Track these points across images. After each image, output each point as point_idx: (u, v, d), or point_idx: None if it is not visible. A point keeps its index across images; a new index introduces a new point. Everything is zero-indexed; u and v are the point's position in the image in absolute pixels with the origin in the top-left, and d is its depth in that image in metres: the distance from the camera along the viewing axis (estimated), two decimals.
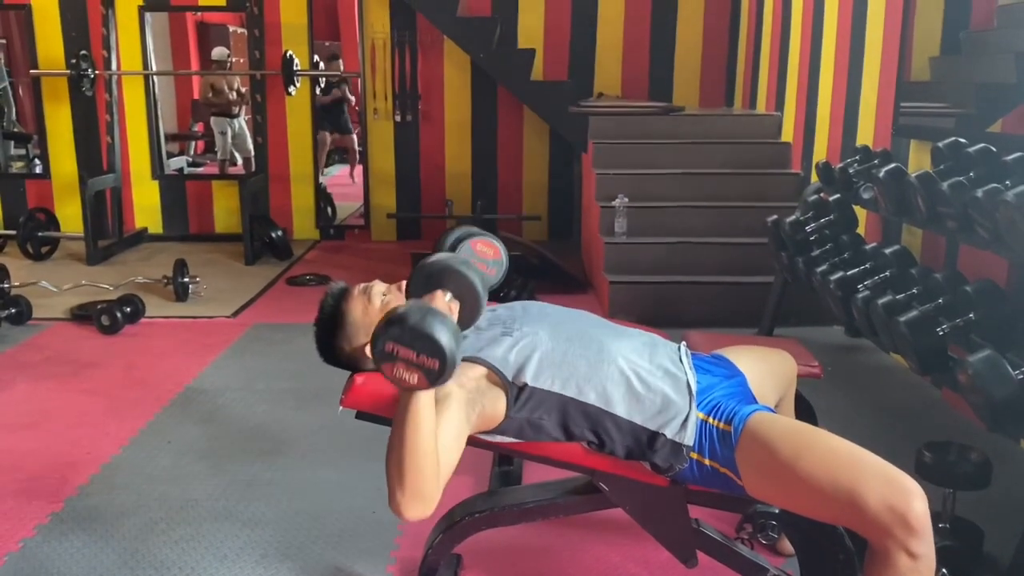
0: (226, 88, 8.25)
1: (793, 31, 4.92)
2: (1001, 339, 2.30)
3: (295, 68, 6.06)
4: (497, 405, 1.59)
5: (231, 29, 8.91)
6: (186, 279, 4.69)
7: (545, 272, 4.78)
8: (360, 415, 1.78)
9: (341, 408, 1.76)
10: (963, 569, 1.97)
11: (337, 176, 9.67)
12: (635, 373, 1.63)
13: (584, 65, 6.15)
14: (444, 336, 1.32)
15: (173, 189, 6.59)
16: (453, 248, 1.93)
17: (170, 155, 7.29)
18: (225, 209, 6.56)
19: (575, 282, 4.85)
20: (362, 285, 1.77)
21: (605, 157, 4.85)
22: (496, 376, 1.60)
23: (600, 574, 2.14)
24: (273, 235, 5.81)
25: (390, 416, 1.68)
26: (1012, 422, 2.05)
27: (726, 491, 1.62)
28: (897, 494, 1.40)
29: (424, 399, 1.40)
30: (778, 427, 1.55)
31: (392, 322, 1.34)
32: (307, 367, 3.59)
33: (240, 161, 8.23)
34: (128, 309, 4.22)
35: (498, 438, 1.65)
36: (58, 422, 3.09)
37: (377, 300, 1.72)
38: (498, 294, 2.74)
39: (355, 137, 9.14)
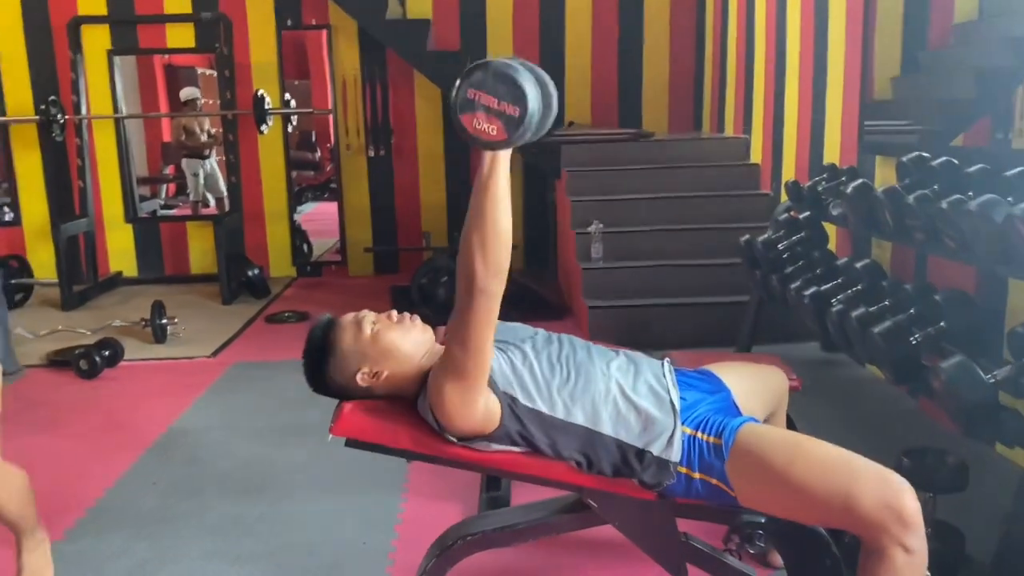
0: (197, 129, 8.27)
1: (757, 55, 5.04)
2: (971, 346, 2.36)
3: (267, 107, 6.10)
4: (495, 407, 1.63)
5: (199, 71, 8.94)
6: (164, 321, 4.66)
7: (524, 299, 4.82)
8: (350, 443, 1.79)
9: (331, 436, 1.77)
10: (947, 571, 2.01)
11: (310, 213, 9.69)
12: (620, 392, 1.67)
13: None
14: (527, 82, 1.34)
15: (147, 232, 6.58)
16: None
17: (142, 198, 7.27)
18: (200, 250, 6.55)
19: (554, 309, 4.89)
20: (351, 315, 1.80)
21: (578, 184, 4.91)
22: (491, 381, 1.63)
23: None
24: (250, 273, 5.80)
25: (379, 442, 1.72)
26: (985, 425, 2.11)
27: (716, 503, 1.65)
28: (890, 492, 1.45)
29: (503, 166, 1.43)
30: (769, 437, 1.60)
31: (474, 68, 1.35)
32: (289, 404, 3.63)
33: (213, 202, 8.23)
34: (107, 353, 4.19)
35: (493, 448, 1.67)
36: (40, 468, 3.02)
37: (368, 328, 1.75)
38: None
39: None
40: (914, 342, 2.48)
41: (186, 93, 8.11)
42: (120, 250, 6.48)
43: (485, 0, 6.18)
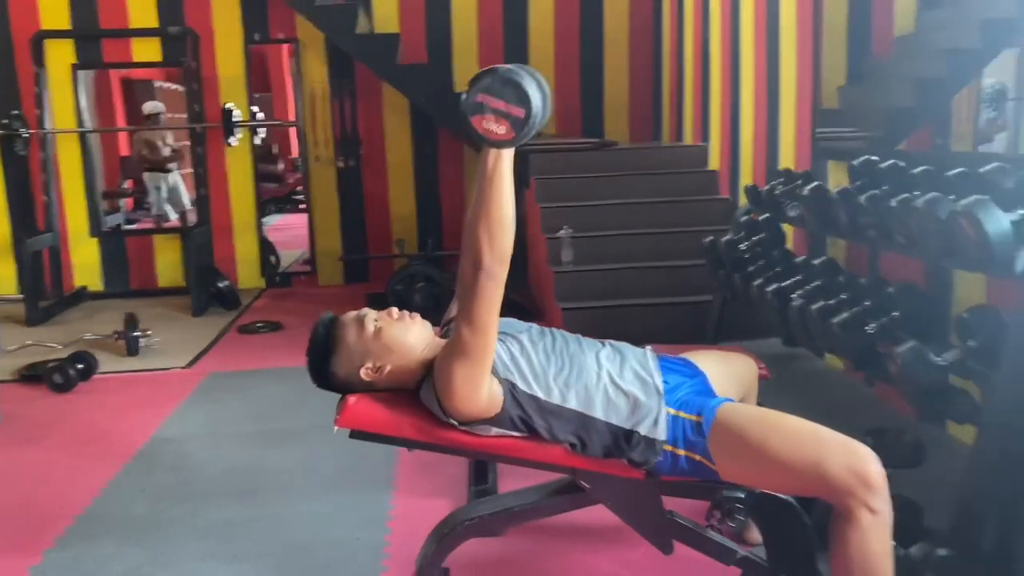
0: (160, 143, 8.26)
1: (713, 68, 5.24)
2: (923, 333, 2.54)
3: (235, 120, 6.15)
4: (498, 392, 1.75)
5: (157, 84, 8.92)
6: (137, 333, 4.69)
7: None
8: (354, 434, 1.89)
9: (336, 428, 1.87)
10: (907, 540, 2.17)
11: (274, 224, 9.71)
12: (609, 379, 1.80)
13: None
14: (531, 87, 1.48)
15: (112, 246, 6.58)
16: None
17: (104, 212, 7.26)
18: (167, 263, 6.57)
19: (526, 312, 5.01)
20: (353, 313, 1.91)
21: (547, 191, 5.06)
22: (494, 372, 1.75)
23: (584, 575, 2.28)
24: (220, 285, 5.85)
25: (383, 432, 1.83)
26: (937, 404, 2.28)
27: (700, 478, 1.79)
28: (856, 459, 1.61)
29: (507, 161, 1.55)
30: (745, 413, 1.75)
31: (483, 74, 1.49)
32: (269, 411, 3.71)
33: (173, 217, 8.22)
34: (80, 366, 4.21)
35: (494, 431, 1.78)
36: (23, 480, 3.10)
37: (370, 325, 1.86)
38: None
39: None
40: (870, 331, 2.65)
41: (149, 107, 8.11)
42: (85, 264, 6.47)
43: (450, 15, 6.32)
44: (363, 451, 3.15)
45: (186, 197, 8.20)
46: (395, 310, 1.93)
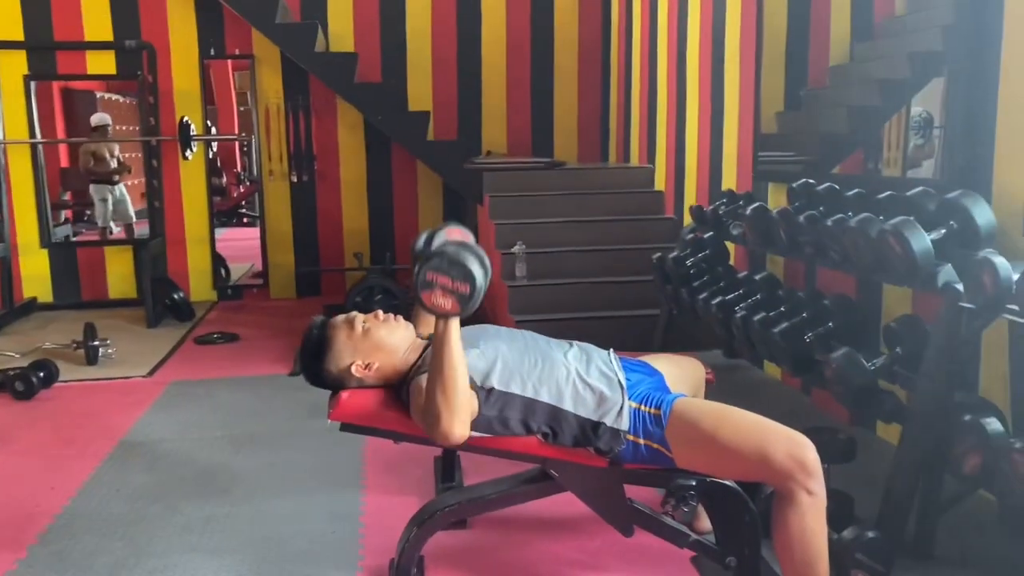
0: (107, 155, 8.23)
1: (660, 93, 5.52)
2: (855, 341, 2.79)
3: (192, 133, 6.21)
4: (473, 403, 1.91)
5: (99, 95, 8.85)
6: (96, 343, 4.73)
7: None
8: (344, 427, 2.04)
9: (329, 421, 2.02)
10: (841, 527, 2.40)
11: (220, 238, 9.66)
12: (578, 376, 2.00)
13: (472, 125, 6.61)
14: (475, 266, 1.70)
15: (63, 257, 6.54)
16: (430, 241, 2.18)
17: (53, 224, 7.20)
18: (119, 275, 6.57)
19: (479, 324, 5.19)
20: (342, 316, 2.07)
21: (500, 209, 5.25)
22: (471, 382, 1.92)
23: (547, 563, 2.45)
24: (175, 297, 5.89)
25: (372, 425, 1.99)
26: (868, 405, 2.53)
27: (658, 465, 1.99)
28: (796, 447, 1.83)
29: (455, 328, 1.75)
30: (698, 406, 1.96)
31: (432, 255, 1.71)
32: (236, 417, 3.81)
33: (116, 229, 8.18)
34: (42, 374, 4.24)
35: (473, 435, 1.96)
36: None
37: (359, 326, 2.02)
38: None
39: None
40: (807, 340, 2.90)
41: (97, 119, 8.06)
42: (35, 276, 6.43)
43: (405, 36, 6.50)
44: (331, 454, 3.33)
45: (132, 209, 8.17)
46: (381, 313, 2.10)
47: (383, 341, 2.03)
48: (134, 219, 8.07)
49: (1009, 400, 2.33)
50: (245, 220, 11.03)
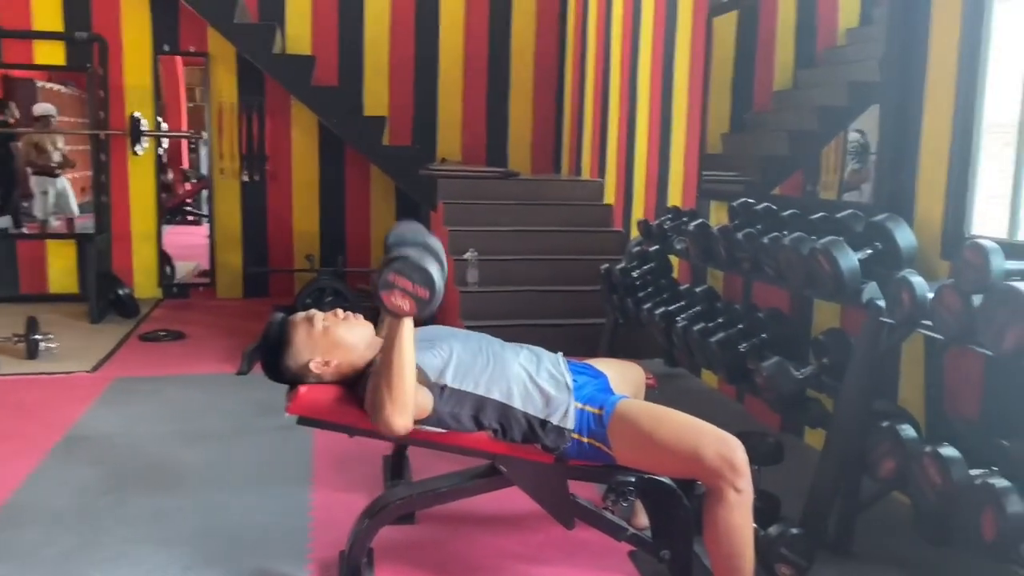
0: (50, 147, 8.09)
1: (611, 110, 5.69)
2: (787, 352, 2.96)
3: (143, 129, 6.18)
4: (426, 400, 2.01)
5: (39, 84, 8.68)
6: (39, 336, 4.69)
7: None
8: (302, 420, 2.12)
9: (287, 414, 2.10)
10: (767, 524, 2.55)
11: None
12: (528, 377, 2.11)
13: (427, 132, 6.70)
14: (435, 271, 1.79)
15: (1, 249, 6.43)
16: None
17: None
18: (60, 269, 6.49)
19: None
20: (302, 313, 2.15)
21: (454, 215, 5.35)
22: (423, 376, 2.02)
23: (492, 556, 2.55)
24: (120, 293, 5.84)
25: (329, 419, 2.07)
26: (796, 411, 2.69)
27: (600, 462, 2.11)
28: (726, 447, 1.97)
29: (408, 328, 1.84)
30: (638, 408, 2.09)
31: (395, 259, 1.79)
32: (183, 413, 3.83)
33: (56, 223, 8.03)
34: None
35: (426, 428, 2.06)
36: None
37: (319, 324, 2.11)
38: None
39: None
40: (742, 350, 3.06)
41: (41, 109, 7.90)
42: None
43: (363, 40, 6.56)
44: (280, 451, 3.38)
45: (74, 203, 8.05)
46: (340, 311, 2.19)
47: (342, 339, 2.11)
48: (76, 213, 7.95)
49: (924, 408, 2.50)
50: (190, 218, 10.92)
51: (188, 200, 11.07)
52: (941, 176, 2.60)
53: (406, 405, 1.88)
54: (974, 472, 1.99)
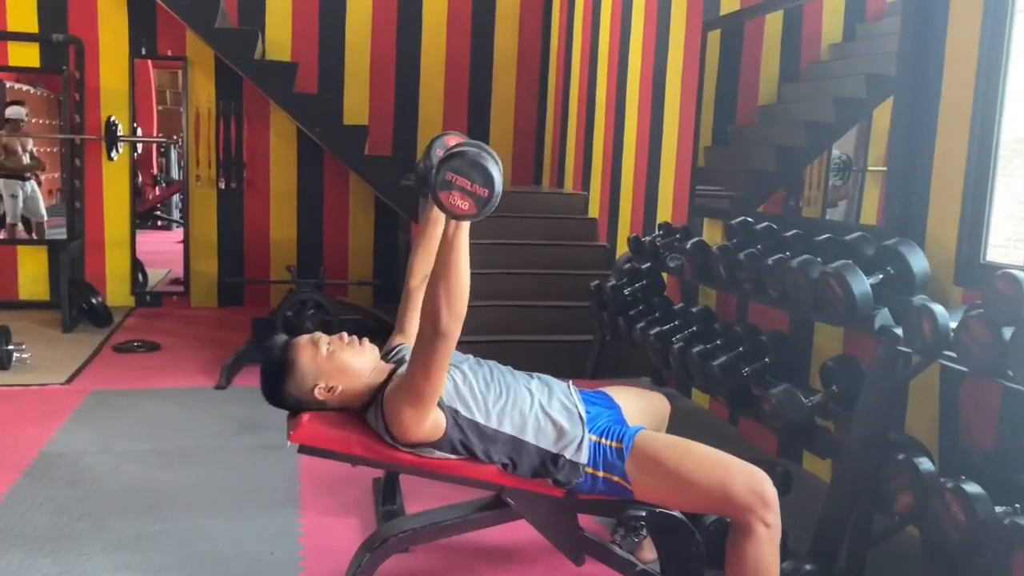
0: (19, 150, 7.87)
1: (598, 120, 5.63)
2: (789, 376, 2.91)
3: (118, 133, 6.02)
4: (441, 420, 1.92)
5: (9, 85, 8.44)
6: (11, 347, 4.52)
7: (381, 334, 5.06)
8: (303, 449, 2.02)
9: (289, 443, 1.99)
10: None
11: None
12: (540, 408, 2.03)
13: (407, 141, 6.60)
14: (495, 169, 1.67)
15: None
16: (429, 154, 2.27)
17: None
18: (30, 275, 6.29)
19: None
20: (307, 336, 2.05)
21: None
22: (439, 401, 1.93)
23: None
24: (93, 301, 5.67)
25: (333, 449, 1.97)
26: (804, 440, 2.64)
27: (616, 497, 2.03)
28: (755, 481, 1.90)
29: (466, 232, 1.74)
30: (661, 440, 2.01)
31: (453, 155, 1.65)
32: (162, 430, 3.70)
33: (21, 228, 7.82)
34: None
35: (436, 454, 1.96)
36: None
37: (323, 348, 2.01)
38: None
39: None
40: (745, 374, 3.00)
41: (13, 112, 7.71)
42: None
43: (344, 48, 6.46)
44: (264, 472, 3.27)
45: (43, 207, 7.84)
46: (345, 335, 2.09)
47: (347, 364, 2.02)
48: (45, 217, 7.74)
49: (937, 441, 2.46)
50: (160, 224, 10.70)
51: (159, 205, 10.86)
52: (955, 198, 2.56)
53: (461, 313, 1.77)
54: (999, 510, 1.94)
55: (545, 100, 6.74)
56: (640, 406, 2.32)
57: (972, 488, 1.97)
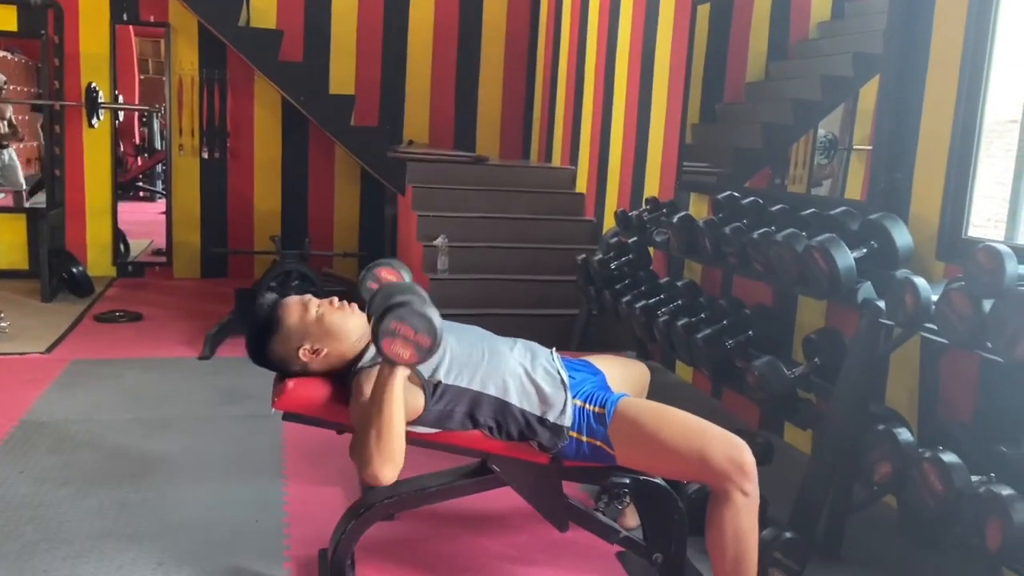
0: None
1: (586, 96, 5.61)
2: (773, 350, 2.93)
3: (99, 100, 5.93)
4: (417, 400, 1.93)
5: None
6: None
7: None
8: (288, 416, 2.01)
9: (273, 410, 1.99)
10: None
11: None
12: (524, 371, 2.04)
13: (394, 113, 6.55)
14: (437, 321, 1.70)
15: None
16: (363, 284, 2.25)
17: None
18: (9, 244, 6.22)
19: None
20: (297, 297, 2.04)
21: (423, 200, 5.23)
22: (416, 376, 1.93)
23: (476, 556, 2.47)
24: (74, 271, 5.62)
25: (319, 416, 1.97)
26: (787, 411, 2.66)
27: (599, 462, 2.04)
28: (734, 449, 1.91)
29: (402, 377, 1.76)
30: (642, 406, 2.03)
31: (397, 304, 1.69)
32: (145, 400, 3.69)
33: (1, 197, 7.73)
34: None
35: (419, 429, 1.97)
36: None
37: (313, 310, 2.00)
38: None
39: None
40: (729, 346, 3.02)
41: None
42: None
43: (330, 16, 6.38)
44: (248, 441, 3.27)
45: (21, 175, 7.74)
46: (335, 299, 2.08)
47: (336, 328, 2.01)
48: (24, 186, 7.65)
49: (917, 413, 2.49)
50: (142, 194, 10.59)
51: (140, 175, 10.75)
52: (939, 174, 2.58)
53: (394, 457, 1.80)
54: (975, 479, 1.97)
55: (534, 74, 6.70)
56: (623, 374, 2.34)
57: (949, 458, 2.00)
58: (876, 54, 2.95)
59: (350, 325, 2.03)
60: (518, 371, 2.03)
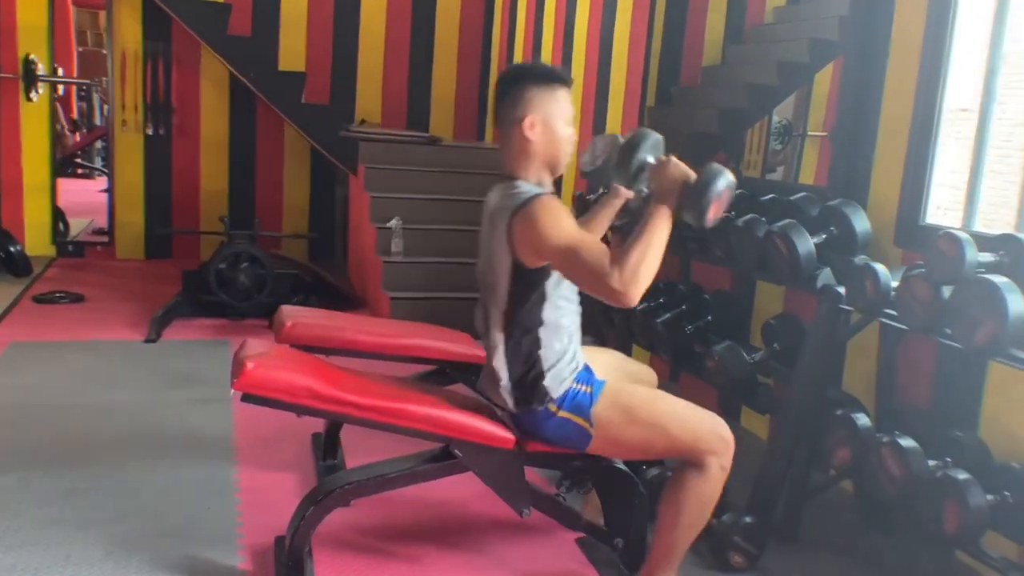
0: None
1: None
2: (731, 335, 2.95)
3: (38, 73, 5.70)
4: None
5: None
6: None
7: (319, 290, 4.97)
8: (247, 398, 1.95)
9: (232, 392, 1.92)
10: (715, 511, 2.54)
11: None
12: (570, 337, 2.07)
13: (345, 91, 6.41)
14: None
15: None
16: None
17: None
18: None
19: (348, 299, 5.09)
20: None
21: (376, 181, 5.15)
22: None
23: (432, 539, 2.43)
24: (11, 249, 5.41)
25: (277, 398, 1.92)
26: (745, 396, 2.68)
27: (564, 447, 2.03)
28: (720, 426, 2.00)
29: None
30: (631, 388, 2.08)
31: (721, 173, 1.92)
32: (89, 383, 3.57)
33: None
34: None
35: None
36: None
37: (569, 109, 2.07)
38: None
39: None
40: (688, 331, 3.03)
41: None
42: None
43: None
44: (198, 427, 3.19)
45: None
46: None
47: (559, 137, 2.05)
48: None
49: (874, 398, 2.52)
50: (80, 171, 10.25)
51: (78, 152, 10.39)
52: (899, 161, 2.61)
53: (646, 285, 1.88)
54: (932, 463, 2.00)
55: (489, 54, 6.63)
56: (619, 367, 2.33)
57: (907, 443, 2.02)
58: (832, 40, 2.97)
59: (565, 154, 2.08)
60: (571, 330, 2.07)
